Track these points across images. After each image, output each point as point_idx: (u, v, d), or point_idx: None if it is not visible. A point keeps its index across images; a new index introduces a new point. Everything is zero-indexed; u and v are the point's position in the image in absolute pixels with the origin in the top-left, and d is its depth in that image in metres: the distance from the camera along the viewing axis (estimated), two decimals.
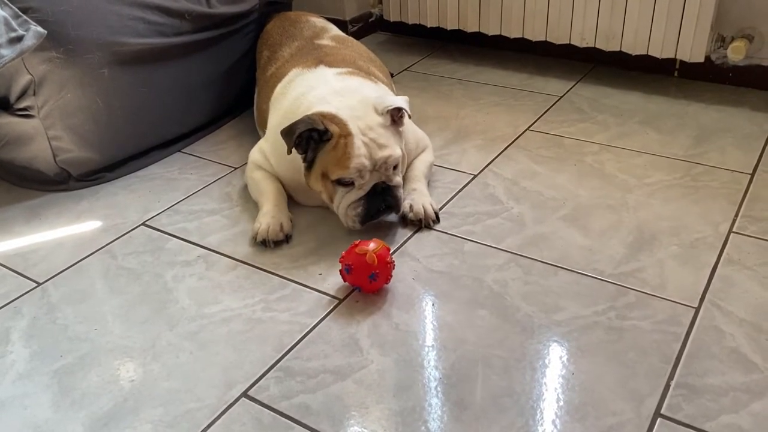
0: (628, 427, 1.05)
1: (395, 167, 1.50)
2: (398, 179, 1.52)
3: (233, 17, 2.01)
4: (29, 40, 1.49)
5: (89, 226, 1.64)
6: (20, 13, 1.51)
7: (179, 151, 1.96)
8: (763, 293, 1.31)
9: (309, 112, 1.47)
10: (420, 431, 1.07)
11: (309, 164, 1.49)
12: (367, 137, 1.45)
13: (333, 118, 1.46)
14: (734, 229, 1.50)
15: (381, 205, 1.49)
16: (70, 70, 1.66)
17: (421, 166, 1.69)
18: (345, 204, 1.48)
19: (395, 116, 1.52)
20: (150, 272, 1.46)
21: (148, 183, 1.81)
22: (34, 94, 1.66)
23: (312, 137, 1.45)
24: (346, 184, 1.46)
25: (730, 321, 1.25)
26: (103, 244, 1.56)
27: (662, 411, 1.08)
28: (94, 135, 1.75)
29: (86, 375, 1.20)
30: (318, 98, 1.53)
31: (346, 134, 1.44)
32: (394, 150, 1.48)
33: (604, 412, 1.08)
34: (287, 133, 1.45)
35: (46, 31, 1.54)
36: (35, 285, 1.44)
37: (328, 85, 1.58)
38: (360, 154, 1.43)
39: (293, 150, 1.45)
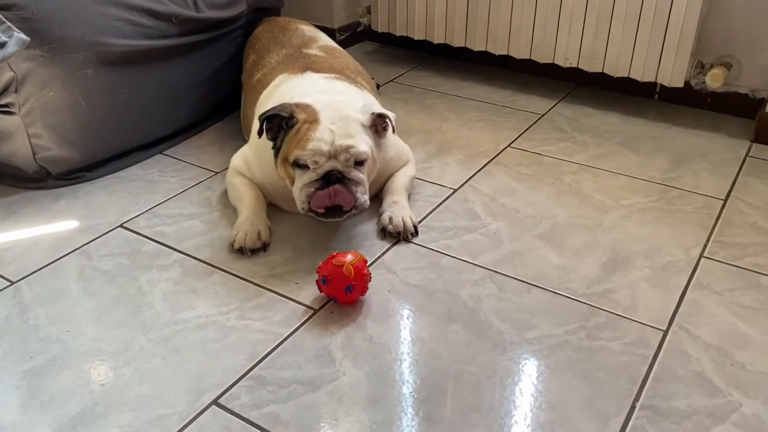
0: None
1: (359, 164, 1.46)
2: (358, 175, 1.45)
3: (220, 22, 2.01)
4: (11, 47, 1.49)
5: (66, 225, 1.63)
6: (4, 19, 1.51)
7: (161, 153, 1.96)
8: (730, 318, 1.34)
9: None
10: None
11: (277, 152, 1.51)
12: (336, 125, 1.44)
13: (306, 108, 1.48)
14: (705, 254, 1.53)
15: (332, 195, 1.41)
16: (53, 69, 1.65)
17: (402, 179, 1.70)
18: (299, 186, 1.46)
19: (378, 125, 1.53)
20: (125, 275, 1.46)
21: (128, 184, 1.81)
22: (16, 91, 1.64)
23: (281, 126, 1.47)
24: (302, 166, 1.44)
25: (696, 345, 1.27)
26: (80, 245, 1.55)
27: None
28: (74, 134, 1.74)
29: (56, 377, 1.20)
30: (301, 93, 1.55)
31: (312, 120, 1.45)
32: (360, 144, 1.45)
33: (569, 431, 1.10)
34: (260, 117, 1.48)
35: (29, 39, 1.54)
36: (8, 284, 1.43)
37: (313, 84, 1.60)
38: (320, 138, 1.42)
39: (264, 135, 1.48)
